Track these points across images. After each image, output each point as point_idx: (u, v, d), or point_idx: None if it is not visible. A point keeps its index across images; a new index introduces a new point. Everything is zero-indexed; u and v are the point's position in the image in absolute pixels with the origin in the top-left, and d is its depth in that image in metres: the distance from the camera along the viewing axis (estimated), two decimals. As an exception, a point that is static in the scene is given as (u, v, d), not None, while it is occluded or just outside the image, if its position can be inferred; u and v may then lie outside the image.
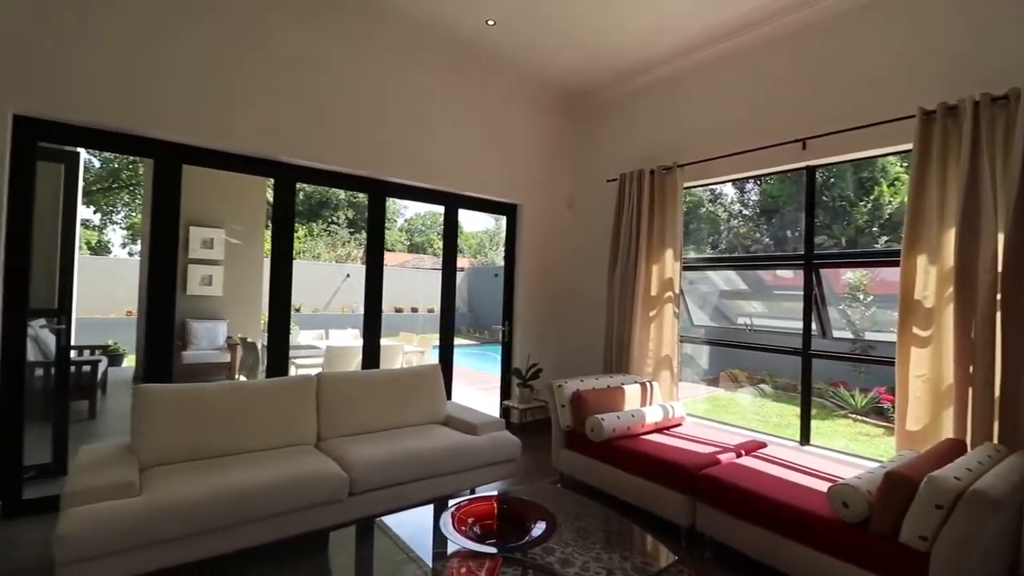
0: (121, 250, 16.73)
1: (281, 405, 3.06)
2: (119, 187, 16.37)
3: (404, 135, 4.28)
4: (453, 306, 4.79)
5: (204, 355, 6.88)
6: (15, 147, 2.92)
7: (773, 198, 10.96)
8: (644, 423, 3.47)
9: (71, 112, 3.02)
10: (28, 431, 3.09)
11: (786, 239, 10.50)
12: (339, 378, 3.40)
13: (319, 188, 18.67)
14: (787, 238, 10.47)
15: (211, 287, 7.43)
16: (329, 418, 3.21)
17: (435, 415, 3.61)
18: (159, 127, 3.27)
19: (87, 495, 2.17)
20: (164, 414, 2.71)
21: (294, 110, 3.73)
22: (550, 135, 5.30)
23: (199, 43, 3.37)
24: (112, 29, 3.10)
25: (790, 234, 10.45)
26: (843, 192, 9.18)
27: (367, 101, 4.08)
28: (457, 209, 4.80)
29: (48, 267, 3.72)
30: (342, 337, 7.01)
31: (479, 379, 8.41)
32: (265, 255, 8.45)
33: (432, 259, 20.46)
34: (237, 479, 2.44)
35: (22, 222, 2.98)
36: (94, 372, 5.32)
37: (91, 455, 2.59)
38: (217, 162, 3.63)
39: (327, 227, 20.01)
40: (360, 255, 19.63)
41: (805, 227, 3.71)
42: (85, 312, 9.62)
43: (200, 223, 7.29)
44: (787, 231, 10.73)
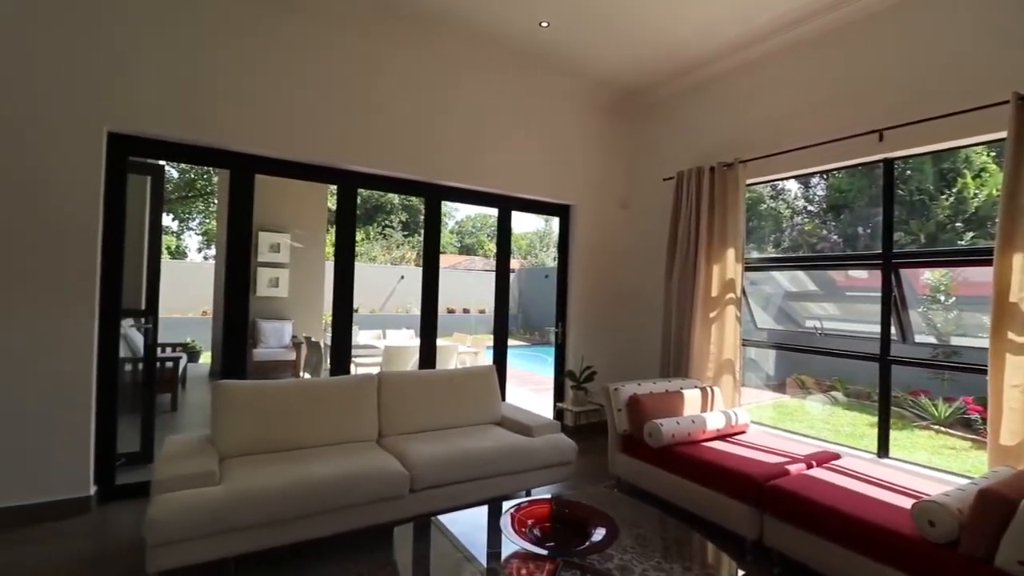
0: (197, 254, 17.96)
1: (345, 402, 3.19)
2: (194, 196, 17.61)
3: (459, 139, 4.36)
4: (507, 308, 4.82)
5: (272, 353, 7.28)
6: (109, 162, 3.21)
7: (841, 192, 10.32)
8: (705, 429, 3.36)
9: (157, 128, 3.28)
10: (119, 422, 3.37)
11: (856, 236, 9.87)
12: (398, 377, 3.50)
13: (375, 192, 19.29)
14: (858, 235, 9.83)
15: (278, 289, 7.85)
16: (389, 416, 3.31)
17: (490, 415, 3.64)
18: (234, 140, 3.50)
19: (174, 483, 2.34)
20: (240, 409, 2.89)
21: (354, 120, 3.88)
22: (603, 134, 5.23)
23: (267, 61, 3.57)
24: (190, 53, 3.34)
25: (861, 231, 9.81)
26: (921, 185, 8.51)
27: (423, 107, 4.19)
28: (510, 212, 4.83)
29: (136, 271, 4.06)
30: (398, 337, 7.22)
31: (531, 380, 8.42)
32: (326, 258, 8.84)
33: (483, 261, 20.70)
34: (308, 472, 2.56)
35: (115, 230, 3.26)
36: (176, 368, 5.74)
37: (176, 445, 2.79)
38: (286, 171, 3.84)
39: (382, 230, 20.65)
40: (414, 257, 20.14)
41: (883, 224, 3.47)
42: (166, 312, 10.40)
43: (268, 228, 7.72)
44: (857, 228, 10.08)
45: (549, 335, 5.20)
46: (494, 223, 23.37)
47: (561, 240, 5.18)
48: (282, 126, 3.63)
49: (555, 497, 2.58)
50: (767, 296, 6.64)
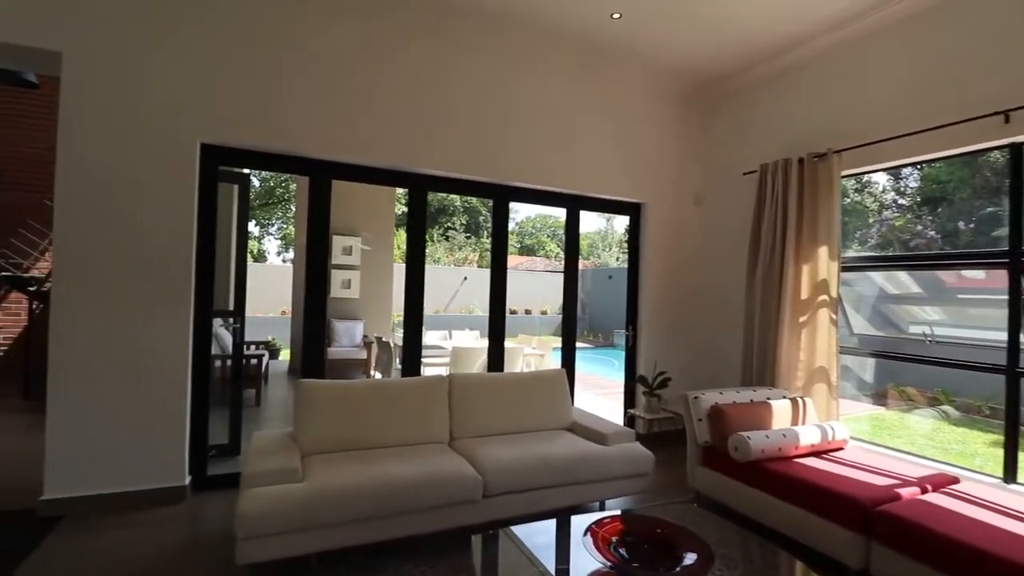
0: (276, 257, 19.09)
1: (418, 404, 3.21)
2: (274, 203, 18.75)
3: (526, 139, 4.29)
4: (575, 309, 4.71)
5: (345, 352, 7.56)
6: (202, 171, 3.40)
7: (939, 184, 9.33)
8: (798, 445, 3.09)
9: (244, 139, 3.46)
10: (209, 416, 3.57)
11: (957, 232, 8.89)
12: (469, 380, 3.48)
13: (438, 195, 19.69)
14: (958, 231, 8.85)
15: (350, 290, 8.15)
16: (461, 418, 3.30)
17: (561, 421, 3.55)
18: (313, 147, 3.62)
19: (262, 478, 2.42)
20: (320, 407, 2.97)
21: (424, 123, 3.92)
22: (677, 128, 4.99)
23: (341, 71, 3.67)
24: (271, 67, 3.49)
25: (963, 226, 8.82)
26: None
27: (490, 108, 4.16)
28: (579, 211, 4.71)
29: (225, 274, 4.31)
30: (464, 338, 7.28)
31: (597, 384, 8.23)
32: (394, 260, 9.10)
33: (544, 262, 20.62)
34: (385, 472, 2.58)
35: (208, 236, 3.46)
36: (259, 365, 6.07)
37: (263, 441, 2.91)
38: (360, 176, 3.94)
39: (445, 232, 21.07)
40: (476, 259, 20.38)
41: (1010, 218, 3.04)
42: (249, 311, 11.10)
43: (340, 232, 8.04)
44: (958, 222, 9.08)
45: (613, 337, 5.03)
46: (554, 224, 23.37)
47: (631, 240, 4.99)
48: (357, 132, 3.72)
49: (640, 514, 2.44)
50: (859, 298, 6.08)
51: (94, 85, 3.08)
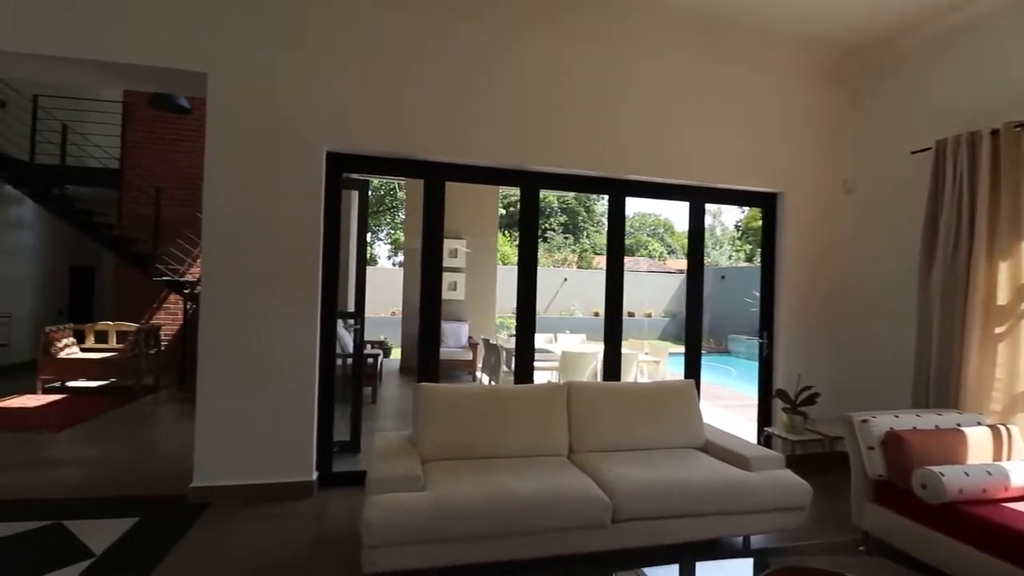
0: (386, 261, 20.25)
1: (534, 412, 3.03)
2: (384, 210, 19.92)
3: (644, 130, 3.96)
4: (699, 313, 4.27)
5: (452, 352, 7.68)
6: (328, 178, 3.52)
7: None
8: (1008, 485, 2.46)
9: (364, 145, 3.52)
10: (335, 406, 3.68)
11: None
12: (589, 388, 3.25)
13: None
14: None
15: (455, 292, 8.29)
16: (580, 430, 3.07)
17: (692, 439, 3.18)
18: (428, 150, 3.61)
19: (386, 484, 2.38)
20: (439, 412, 2.90)
21: (537, 119, 3.75)
22: (818, 106, 4.35)
23: (454, 72, 3.62)
24: (386, 74, 3.51)
25: None
26: None
27: (605, 100, 3.89)
28: (703, 205, 4.27)
29: (346, 277, 4.49)
30: (570, 342, 7.05)
31: (714, 394, 7.56)
32: (497, 262, 9.12)
33: (647, 262, 19.76)
34: (507, 487, 2.42)
35: (333, 240, 3.57)
36: (375, 364, 6.32)
37: (385, 443, 2.90)
38: (472, 177, 3.87)
39: (543, 233, 21.00)
40: (575, 260, 20.06)
41: None
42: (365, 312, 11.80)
43: (447, 235, 8.18)
44: None
45: (728, 342, 4.48)
46: (655, 222, 22.24)
47: (765, 235, 4.44)
48: (469, 132, 3.65)
49: (815, 569, 2.04)
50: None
51: (233, 102, 3.30)
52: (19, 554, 2.59)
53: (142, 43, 3.14)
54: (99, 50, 3.09)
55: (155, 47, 3.16)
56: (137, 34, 3.13)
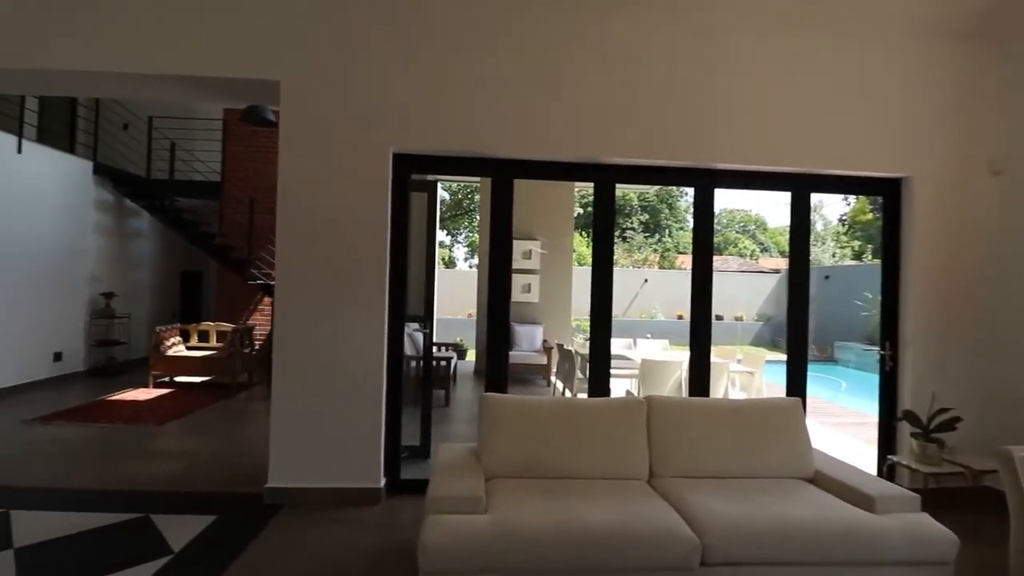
0: (463, 263, 20.62)
1: (610, 428, 2.73)
2: (461, 214, 20.30)
3: (737, 111, 3.51)
4: (805, 318, 3.72)
5: (525, 356, 7.50)
6: (394, 180, 3.44)
7: None
8: None
9: (430, 145, 3.41)
10: (404, 410, 3.60)
11: None
12: (673, 404, 2.88)
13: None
14: None
15: (529, 294, 8.10)
16: (662, 451, 2.72)
17: (799, 468, 2.71)
18: (496, 147, 3.43)
19: (445, 504, 2.21)
20: (505, 425, 2.69)
21: (614, 107, 3.44)
22: (954, 70, 3.64)
23: (521, 63, 3.40)
24: (452, 70, 3.37)
25: None
26: None
27: (692, 80, 3.49)
28: (808, 194, 3.72)
29: (417, 280, 4.42)
30: (651, 348, 6.58)
31: (819, 409, 6.73)
32: (573, 263, 8.82)
33: (738, 260, 18.42)
34: (576, 515, 2.15)
35: (400, 242, 3.49)
36: (448, 367, 6.28)
37: (448, 455, 2.74)
38: (543, 173, 3.65)
39: (622, 233, 20.29)
40: (657, 260, 19.18)
41: None
42: (440, 314, 12.02)
43: (519, 236, 8.04)
44: None
45: (834, 350, 3.86)
46: (745, 218, 20.70)
47: (887, 228, 3.78)
48: (538, 125, 3.42)
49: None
50: None
51: (304, 108, 3.31)
52: (105, 547, 2.72)
53: (218, 56, 3.24)
54: (179, 65, 3.22)
55: (230, 59, 3.25)
56: (213, 47, 3.23)
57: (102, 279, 7.35)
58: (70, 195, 6.75)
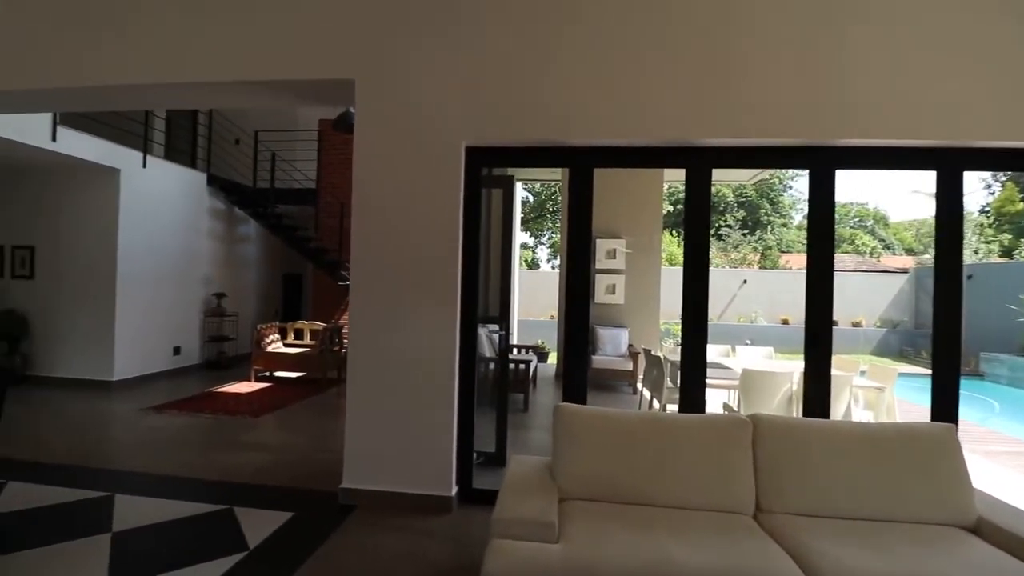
0: (546, 264, 20.43)
1: (707, 450, 2.34)
2: (544, 215, 20.12)
3: (867, 74, 2.93)
4: (957, 326, 3.03)
5: (609, 361, 7.10)
6: (467, 174, 3.28)
7: None
8: None
9: (504, 136, 3.20)
10: (477, 420, 3.42)
11: None
12: (785, 425, 2.42)
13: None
14: None
15: (614, 296, 7.68)
16: (772, 482, 2.28)
17: (955, 513, 2.15)
18: (573, 134, 3.14)
19: (512, 527, 1.98)
20: (582, 440, 2.41)
21: (710, 79, 3.01)
22: None
23: (599, 41, 3.08)
24: (521, 56, 3.14)
25: None
26: None
27: (807, 38, 2.97)
28: (961, 172, 3.03)
29: (495, 280, 4.26)
30: (752, 356, 5.89)
31: (962, 432, 5.66)
32: (661, 262, 8.25)
33: (854, 259, 16.43)
34: (669, 556, 1.82)
35: (472, 240, 3.32)
36: (527, 369, 6.06)
37: (519, 470, 2.50)
38: (626, 160, 3.32)
39: (717, 231, 18.97)
40: (757, 259, 17.70)
41: None
42: (523, 315, 11.89)
43: (603, 235, 7.66)
44: None
45: (980, 363, 3.09)
46: (861, 212, 18.54)
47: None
48: (622, 106, 3.08)
49: None
50: None
51: (378, 105, 3.25)
52: (189, 538, 2.80)
53: (296, 59, 3.26)
54: (262, 71, 3.29)
55: (307, 61, 3.26)
56: (291, 52, 3.26)
57: (214, 280, 8.03)
58: (188, 204, 7.44)
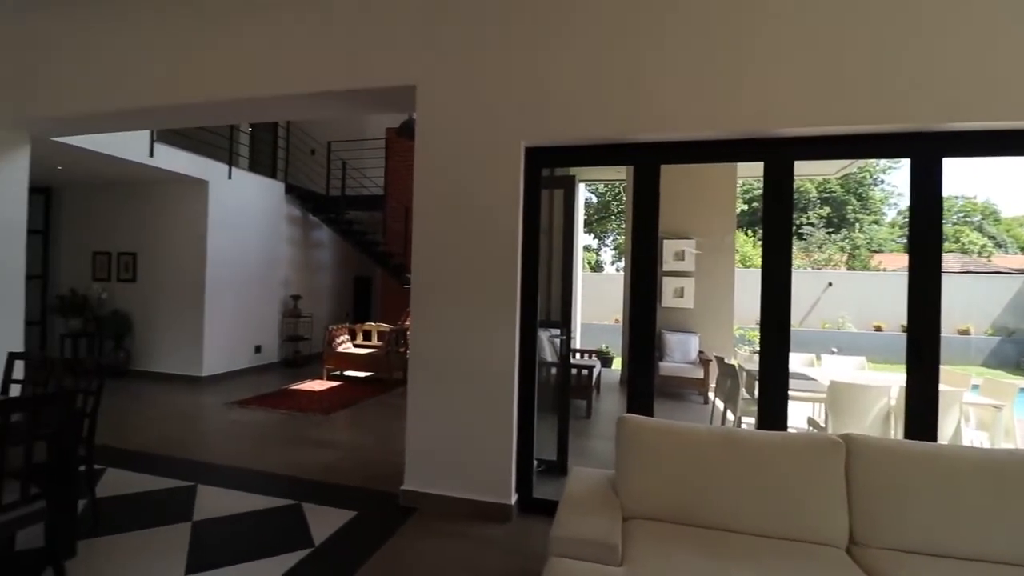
0: (611, 267, 19.99)
1: (791, 472, 2.10)
2: (608, 216, 19.69)
3: (974, 51, 2.55)
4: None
5: (678, 368, 6.76)
6: (526, 175, 3.20)
7: None
8: None
9: (564, 134, 3.09)
10: (538, 426, 3.34)
11: None
12: (884, 448, 2.13)
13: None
14: None
15: (683, 299, 7.32)
16: (868, 512, 2.01)
17: (1111, 563, 1.79)
18: (637, 128, 2.97)
19: (571, 546, 1.87)
20: (648, 455, 2.25)
21: (790, 66, 2.74)
22: None
23: (659, 26, 2.89)
24: (584, 53, 3.00)
25: None
26: None
27: (905, 16, 2.63)
28: (1107, 156, 2.56)
29: (556, 284, 4.15)
30: (840, 366, 5.36)
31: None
32: (736, 264, 7.77)
33: (959, 259, 14.72)
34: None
35: (532, 242, 3.24)
36: (590, 375, 5.89)
37: (580, 484, 2.38)
38: (696, 155, 3.11)
39: (798, 229, 17.70)
40: (843, 259, 16.34)
41: None
42: (586, 319, 11.65)
43: (670, 235, 7.32)
44: None
45: None
46: (967, 206, 16.64)
47: None
48: (689, 97, 2.87)
49: None
50: None
51: (436, 108, 3.25)
52: (260, 530, 2.91)
53: (360, 69, 3.32)
54: (329, 82, 3.38)
55: (370, 70, 3.31)
56: (355, 61, 3.32)
57: (291, 283, 8.49)
58: (268, 212, 7.92)
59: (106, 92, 3.81)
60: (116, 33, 3.78)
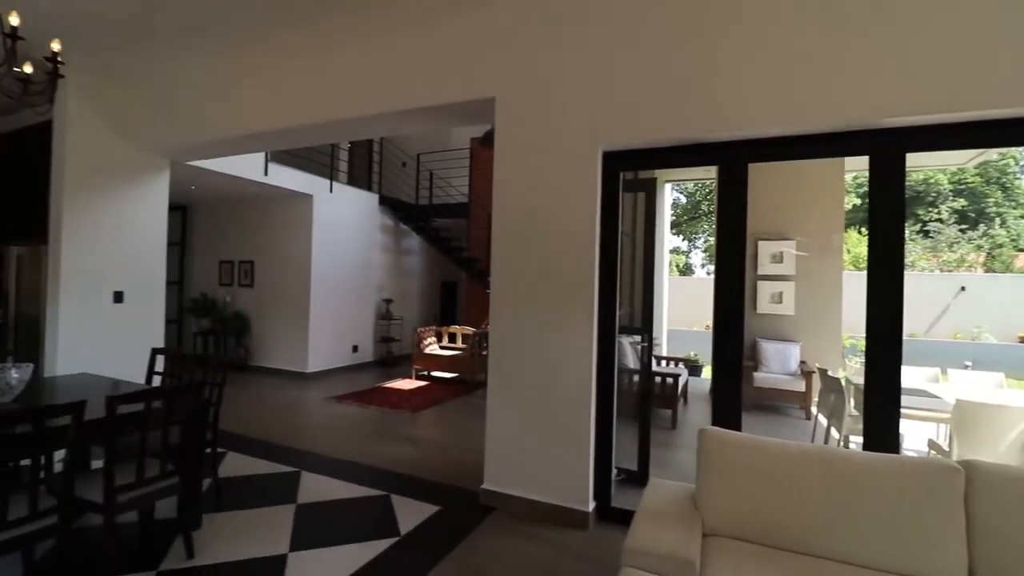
0: (700, 270, 19.05)
1: (898, 500, 1.89)
2: (698, 216, 18.80)
3: None
4: None
5: (775, 379, 6.28)
6: (604, 180, 3.18)
7: None
8: None
9: (642, 136, 3.03)
10: (620, 435, 3.31)
11: None
12: (1011, 477, 1.85)
13: (909, 179, 14.98)
14: None
15: (781, 305, 6.80)
16: (997, 550, 1.76)
17: None
18: (720, 126, 2.83)
19: (645, 559, 1.82)
20: (732, 471, 2.14)
21: (899, 40, 2.47)
22: None
23: (741, 17, 2.73)
24: (658, 51, 2.92)
25: None
26: None
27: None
28: None
29: (639, 289, 4.05)
30: (973, 383, 4.68)
31: None
32: (844, 267, 7.08)
33: None
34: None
35: (610, 246, 3.21)
36: (676, 384, 5.66)
37: (659, 495, 2.31)
38: (789, 151, 2.89)
39: (923, 227, 15.72)
40: (980, 260, 14.28)
41: None
42: (674, 324, 11.19)
43: (767, 237, 6.84)
44: None
45: None
46: None
47: None
48: (777, 91, 2.69)
49: None
50: None
51: (514, 117, 3.33)
52: (354, 517, 3.15)
53: (441, 84, 3.47)
54: (411, 100, 3.57)
55: (452, 86, 3.45)
56: (436, 77, 3.48)
57: (384, 287, 9.05)
58: (364, 222, 8.52)
59: (231, 119, 4.34)
60: (238, 68, 4.29)
